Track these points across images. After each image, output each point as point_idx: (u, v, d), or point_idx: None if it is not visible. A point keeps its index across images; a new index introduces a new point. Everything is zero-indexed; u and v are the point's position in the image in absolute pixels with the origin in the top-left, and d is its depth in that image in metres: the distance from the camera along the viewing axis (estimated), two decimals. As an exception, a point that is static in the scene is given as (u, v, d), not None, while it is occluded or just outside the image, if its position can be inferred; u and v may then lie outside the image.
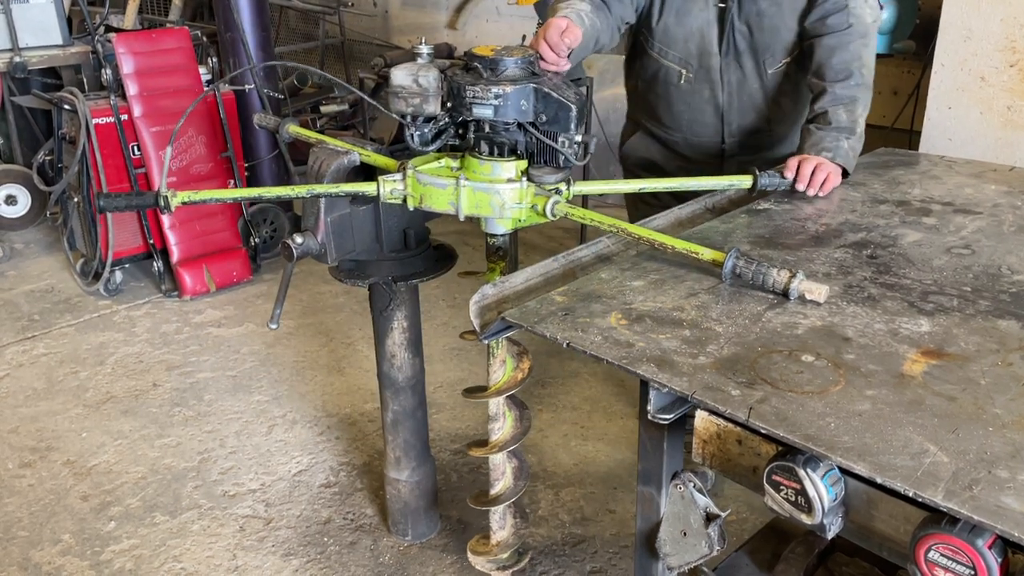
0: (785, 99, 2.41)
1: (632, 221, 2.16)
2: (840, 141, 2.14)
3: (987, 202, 2.09)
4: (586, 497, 2.88)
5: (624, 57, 2.68)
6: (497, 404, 1.87)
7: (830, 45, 2.21)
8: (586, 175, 4.53)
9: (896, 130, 4.30)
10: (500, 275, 2.02)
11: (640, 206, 2.63)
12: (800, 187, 2.09)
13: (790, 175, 2.10)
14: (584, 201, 4.07)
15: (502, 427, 1.89)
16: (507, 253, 2.04)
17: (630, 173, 2.76)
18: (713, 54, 2.37)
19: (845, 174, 2.18)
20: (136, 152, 4.15)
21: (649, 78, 2.51)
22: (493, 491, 1.97)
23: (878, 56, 3.85)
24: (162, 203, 1.89)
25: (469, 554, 2.05)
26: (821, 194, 2.10)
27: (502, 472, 1.96)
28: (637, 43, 2.53)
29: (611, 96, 5.28)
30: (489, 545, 2.04)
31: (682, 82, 2.42)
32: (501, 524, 2.02)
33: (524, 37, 2.87)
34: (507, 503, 1.96)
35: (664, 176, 2.61)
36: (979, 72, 2.77)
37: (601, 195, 5.28)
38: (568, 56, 2.00)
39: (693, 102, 2.45)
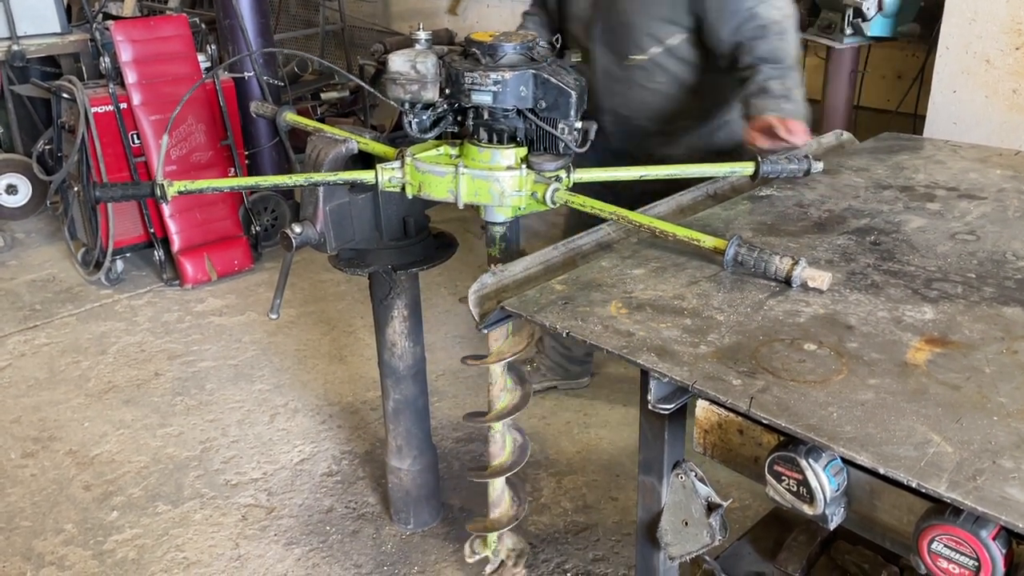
0: (669, 99, 2.52)
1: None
2: (781, 104, 2.22)
3: (992, 187, 2.07)
4: (588, 485, 2.87)
5: None
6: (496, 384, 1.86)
7: (750, 46, 2.33)
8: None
9: (900, 114, 4.27)
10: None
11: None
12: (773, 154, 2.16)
13: (760, 143, 2.17)
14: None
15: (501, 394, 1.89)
16: (509, 241, 2.02)
17: None
18: (590, 38, 2.53)
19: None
20: (136, 141, 4.13)
21: None
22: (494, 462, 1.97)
23: (883, 39, 3.82)
24: (159, 193, 1.87)
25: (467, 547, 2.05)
26: (799, 142, 2.16)
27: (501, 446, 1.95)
28: None
29: (613, 81, 5.24)
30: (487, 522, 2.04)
31: (575, 59, 2.53)
32: (499, 500, 2.02)
33: (524, 23, 2.85)
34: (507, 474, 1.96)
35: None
36: (984, 55, 2.74)
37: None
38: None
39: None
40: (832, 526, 1.22)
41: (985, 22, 2.71)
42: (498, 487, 2.01)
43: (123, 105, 4.06)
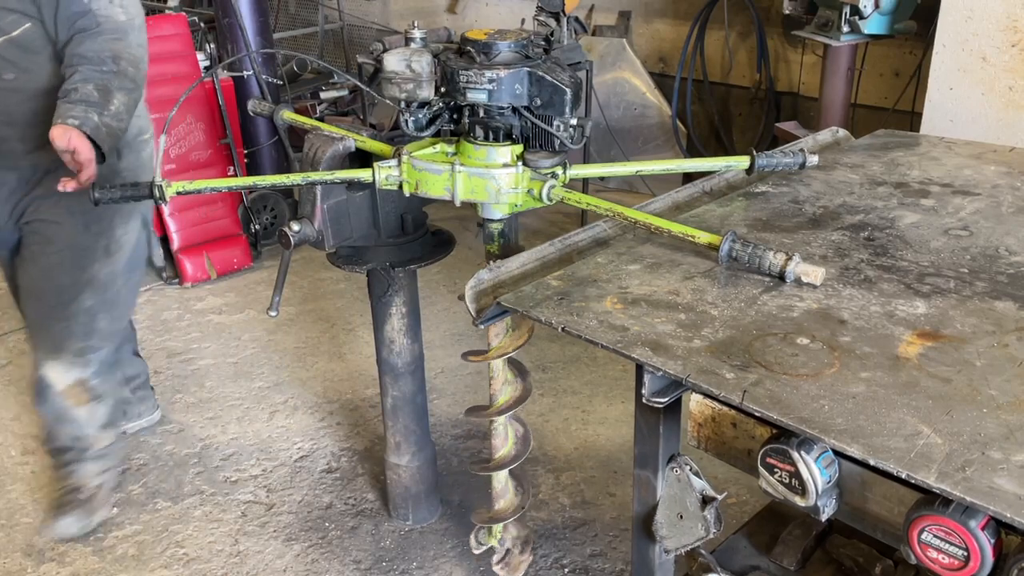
0: (27, 99, 2.29)
1: None
2: (90, 114, 2.13)
3: (986, 183, 2.08)
4: (586, 481, 2.88)
5: None
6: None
7: (80, 40, 2.23)
8: (586, 159, 4.51)
9: (897, 112, 4.28)
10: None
11: None
12: None
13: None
14: (584, 185, 4.05)
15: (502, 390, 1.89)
16: (507, 238, 2.03)
17: None
18: None
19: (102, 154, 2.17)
20: (135, 139, 4.14)
21: None
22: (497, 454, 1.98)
23: (880, 37, 3.83)
24: (157, 194, 1.88)
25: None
26: (86, 171, 2.09)
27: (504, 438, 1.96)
28: None
29: (611, 80, 5.26)
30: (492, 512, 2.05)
31: None
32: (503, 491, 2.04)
33: (523, 21, 2.86)
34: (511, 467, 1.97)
35: None
36: (980, 52, 2.75)
37: (602, 179, 5.26)
38: None
39: None
40: (824, 518, 1.23)
41: (981, 20, 2.72)
42: (502, 479, 2.03)
43: (122, 104, 4.07)
